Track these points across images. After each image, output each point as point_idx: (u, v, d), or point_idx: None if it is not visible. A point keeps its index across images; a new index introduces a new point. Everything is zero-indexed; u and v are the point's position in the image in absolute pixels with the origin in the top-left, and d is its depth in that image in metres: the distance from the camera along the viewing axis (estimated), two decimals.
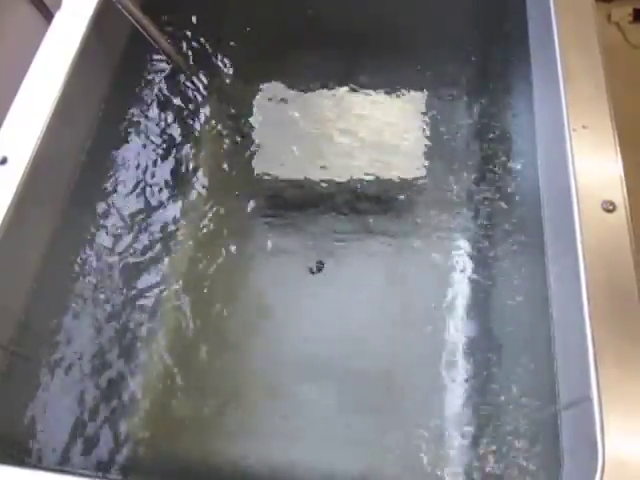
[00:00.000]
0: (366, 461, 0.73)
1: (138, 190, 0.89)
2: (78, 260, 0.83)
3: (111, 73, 0.87)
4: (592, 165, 0.66)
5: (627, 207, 0.63)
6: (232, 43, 1.01)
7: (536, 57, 0.80)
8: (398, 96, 0.98)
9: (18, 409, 0.73)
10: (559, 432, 0.64)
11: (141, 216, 0.88)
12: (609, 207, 0.63)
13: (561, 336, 0.65)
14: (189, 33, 0.99)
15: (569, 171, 0.66)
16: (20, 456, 0.70)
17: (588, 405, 0.56)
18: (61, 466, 0.70)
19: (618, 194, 0.64)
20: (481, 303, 0.82)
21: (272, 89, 1.00)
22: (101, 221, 0.86)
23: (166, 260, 0.86)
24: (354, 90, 0.99)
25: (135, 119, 0.92)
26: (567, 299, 0.64)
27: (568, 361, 0.63)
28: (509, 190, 0.83)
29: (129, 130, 0.92)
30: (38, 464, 0.70)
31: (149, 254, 0.86)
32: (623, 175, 0.64)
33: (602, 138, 0.67)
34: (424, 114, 0.96)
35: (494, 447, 0.71)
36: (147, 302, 0.83)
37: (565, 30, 0.73)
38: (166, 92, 0.95)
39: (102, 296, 0.82)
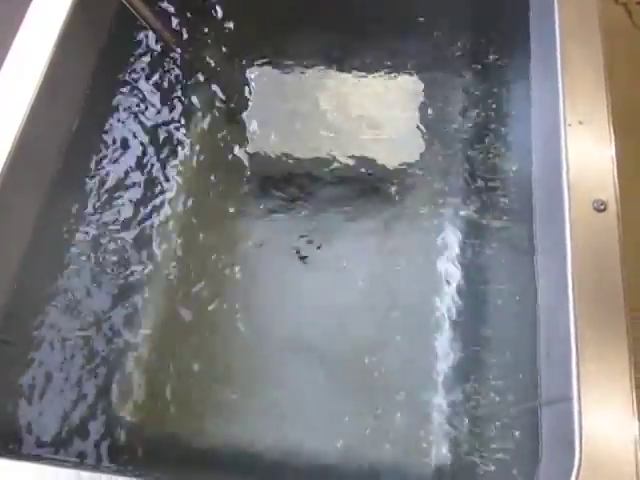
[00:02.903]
0: (351, 442, 0.74)
1: (126, 171, 0.88)
2: (64, 243, 0.82)
3: (97, 51, 0.85)
4: (586, 163, 0.65)
5: (618, 207, 0.62)
6: (224, 21, 0.98)
7: (536, 46, 0.78)
8: (394, 78, 0.97)
9: (6, 395, 0.73)
10: (539, 426, 0.65)
11: (129, 198, 0.87)
12: (600, 206, 0.62)
13: (546, 333, 0.66)
14: (179, 10, 0.96)
15: (562, 167, 0.65)
16: (10, 445, 0.71)
17: (568, 405, 0.57)
18: (52, 451, 0.71)
19: (610, 193, 0.63)
20: (468, 292, 0.82)
21: (264, 68, 0.98)
22: (88, 202, 0.85)
23: (155, 241, 0.85)
24: (349, 70, 0.97)
25: (123, 99, 0.90)
26: (554, 298, 0.64)
27: (551, 359, 0.64)
28: (502, 181, 0.83)
29: (117, 110, 0.90)
30: (28, 452, 0.71)
31: (137, 234, 0.85)
32: (616, 174, 0.64)
33: (598, 135, 0.66)
34: (420, 97, 0.95)
35: (474, 435, 0.72)
36: (134, 284, 0.83)
37: (566, 19, 0.71)
38: (155, 71, 0.93)
39: (88, 278, 0.82)
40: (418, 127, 0.92)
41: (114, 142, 0.88)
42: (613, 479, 0.54)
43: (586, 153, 0.66)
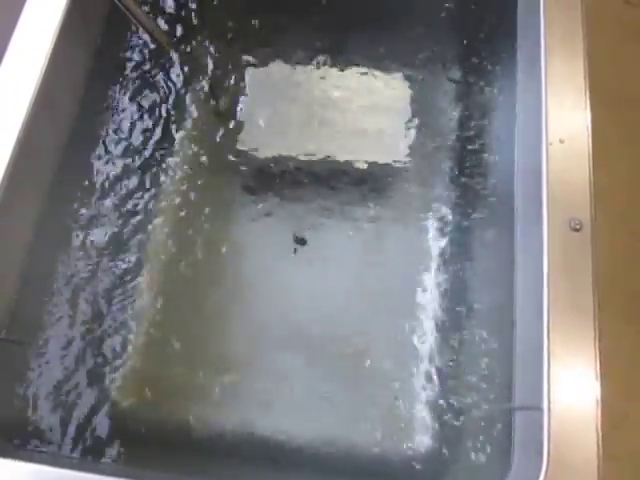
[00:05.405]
0: (341, 429, 0.77)
1: (122, 170, 0.89)
2: (65, 243, 0.84)
3: (92, 53, 0.85)
4: (564, 182, 0.67)
5: (593, 227, 0.65)
6: (217, 20, 0.98)
7: (522, 66, 0.79)
8: (385, 76, 0.98)
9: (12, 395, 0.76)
10: (512, 427, 0.69)
11: (124, 195, 0.88)
12: (576, 226, 0.66)
13: (521, 344, 0.69)
14: (171, 9, 0.97)
15: (542, 185, 0.68)
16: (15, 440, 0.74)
17: (539, 414, 0.61)
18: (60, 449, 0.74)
19: (586, 213, 0.66)
20: (453, 288, 0.85)
21: (258, 66, 0.98)
22: (86, 202, 0.86)
23: (148, 231, 0.87)
24: (341, 67, 0.98)
25: (118, 99, 0.91)
26: (529, 311, 0.68)
27: (525, 369, 0.67)
28: (486, 190, 0.86)
29: (112, 111, 0.90)
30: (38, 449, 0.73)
31: (131, 230, 0.87)
32: (593, 194, 0.67)
33: (578, 154, 0.69)
34: (410, 96, 0.96)
35: (456, 425, 0.77)
36: (128, 277, 0.85)
37: (551, 38, 0.72)
38: (149, 71, 0.93)
39: (86, 275, 0.84)
40: (407, 124, 0.94)
41: (110, 140, 0.90)
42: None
43: (565, 172, 0.68)
